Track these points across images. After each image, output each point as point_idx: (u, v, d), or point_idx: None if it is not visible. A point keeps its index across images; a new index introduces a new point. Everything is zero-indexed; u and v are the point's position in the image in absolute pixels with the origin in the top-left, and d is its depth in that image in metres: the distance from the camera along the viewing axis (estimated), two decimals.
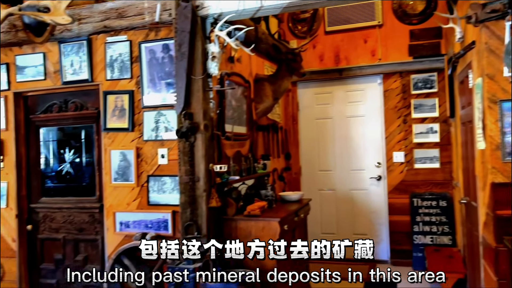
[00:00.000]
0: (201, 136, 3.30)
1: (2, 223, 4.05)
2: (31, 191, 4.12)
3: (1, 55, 4.06)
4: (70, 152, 4.15)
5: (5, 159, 4.05)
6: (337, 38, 5.69)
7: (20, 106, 4.10)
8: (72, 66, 3.85)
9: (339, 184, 5.77)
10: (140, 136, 3.68)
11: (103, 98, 3.78)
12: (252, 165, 4.20)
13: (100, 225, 3.84)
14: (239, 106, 4.23)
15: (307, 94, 5.95)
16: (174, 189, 3.55)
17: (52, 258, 4.01)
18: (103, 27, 3.70)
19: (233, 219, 3.45)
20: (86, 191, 4.01)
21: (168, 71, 3.61)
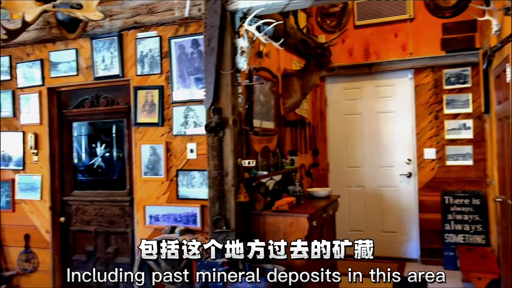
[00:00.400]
0: (229, 131, 3.30)
1: (37, 215, 4.17)
2: (64, 184, 4.22)
3: (36, 52, 4.17)
4: (102, 146, 4.23)
5: (39, 153, 4.16)
6: (367, 32, 5.60)
7: (53, 101, 4.19)
8: (104, 62, 3.91)
9: (368, 181, 5.69)
10: (169, 130, 3.72)
11: (133, 93, 3.83)
12: (279, 161, 4.19)
13: (130, 218, 3.90)
14: (267, 101, 4.22)
15: (335, 89, 5.88)
16: (203, 183, 3.57)
17: (84, 249, 4.10)
18: (133, 23, 3.74)
19: (261, 214, 3.44)
20: (117, 185, 4.08)
21: (197, 66, 3.63)
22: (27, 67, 4.20)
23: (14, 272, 4.21)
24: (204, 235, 3.50)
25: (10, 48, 4.23)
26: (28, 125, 4.21)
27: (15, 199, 4.24)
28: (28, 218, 4.20)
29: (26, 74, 4.20)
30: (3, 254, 4.27)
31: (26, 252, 4.18)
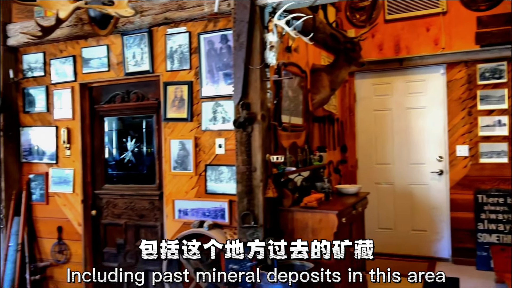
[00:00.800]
0: (258, 127, 3.29)
1: (69, 208, 4.27)
2: (95, 178, 4.30)
3: (69, 48, 4.26)
4: (132, 141, 4.29)
5: (71, 147, 4.26)
6: (398, 26, 5.48)
7: (85, 97, 4.28)
8: (134, 58, 3.96)
9: (398, 178, 5.59)
10: (198, 126, 3.74)
11: (163, 88, 3.87)
12: (308, 157, 4.15)
13: (160, 212, 3.95)
14: (295, 96, 4.19)
15: (364, 85, 5.80)
16: (231, 178, 3.58)
17: (114, 242, 4.18)
18: (163, 19, 3.77)
19: (289, 210, 3.43)
20: (147, 179, 4.14)
21: (225, 61, 3.63)
22: (60, 63, 4.29)
23: (48, 263, 4.33)
24: (232, 230, 3.51)
25: (44, 45, 4.34)
26: (61, 120, 4.31)
27: (48, 192, 4.35)
28: (61, 210, 4.30)
29: (59, 70, 4.30)
30: (38, 245, 4.40)
31: (59, 243, 4.30)
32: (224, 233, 3.52)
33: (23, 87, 4.48)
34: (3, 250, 4.25)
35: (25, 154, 4.48)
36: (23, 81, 4.46)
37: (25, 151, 4.48)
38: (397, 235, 5.58)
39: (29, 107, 4.46)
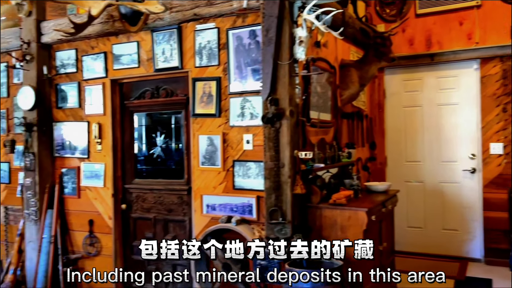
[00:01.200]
0: (286, 122, 3.27)
1: (100, 202, 4.36)
2: (125, 173, 4.37)
3: (100, 45, 4.34)
4: (161, 136, 4.34)
5: (102, 142, 4.34)
6: (429, 21, 5.36)
7: (116, 93, 4.34)
8: (164, 54, 4.00)
9: (428, 176, 5.47)
10: (226, 121, 3.74)
11: (191, 84, 3.89)
12: (336, 153, 4.11)
13: (188, 207, 3.98)
14: (324, 92, 4.15)
15: (394, 81, 5.69)
16: (259, 174, 3.57)
17: (144, 236, 4.23)
18: (192, 15, 3.79)
19: (317, 207, 3.40)
20: (175, 174, 4.18)
21: (254, 57, 3.62)
22: (92, 60, 4.38)
23: (80, 255, 4.43)
24: (260, 226, 3.51)
25: (76, 42, 4.43)
26: (92, 116, 4.39)
27: (80, 186, 4.45)
28: (92, 204, 4.39)
29: (90, 67, 4.39)
30: (70, 238, 4.51)
31: (90, 236, 4.39)
32: (251, 228, 3.52)
33: (56, 83, 4.59)
34: (38, 241, 4.38)
35: (58, 149, 4.59)
36: (56, 77, 4.57)
37: (58, 145, 4.59)
38: (427, 234, 5.46)
39: (62, 103, 4.57)
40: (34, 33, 4.45)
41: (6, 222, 4.88)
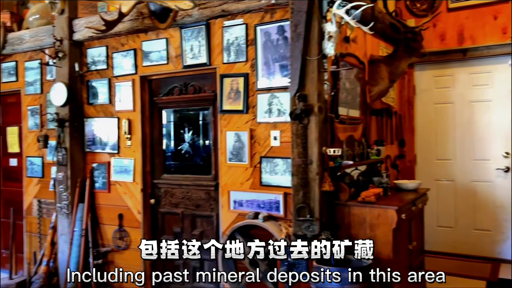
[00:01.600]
0: (314, 119, 3.24)
1: (129, 196, 4.43)
2: (154, 168, 4.42)
3: (130, 42, 4.40)
4: (189, 132, 4.37)
5: (132, 138, 4.41)
6: (462, 15, 5.21)
7: (145, 89, 4.40)
8: (192, 51, 4.02)
9: (459, 174, 5.33)
10: (253, 118, 3.74)
11: (219, 81, 3.90)
12: (365, 151, 4.05)
13: (215, 203, 4.00)
14: (352, 88, 4.09)
15: (425, 77, 5.57)
16: (286, 171, 3.56)
17: (172, 230, 4.29)
18: (221, 11, 3.80)
19: (346, 205, 3.36)
20: (203, 170, 4.21)
21: (282, 53, 3.60)
22: (122, 57, 4.44)
23: (109, 249, 4.52)
24: (287, 223, 3.49)
25: (107, 39, 4.50)
26: (122, 112, 4.46)
27: (110, 181, 4.53)
28: (121, 198, 4.47)
29: (120, 63, 4.46)
30: (100, 231, 4.61)
31: (120, 230, 4.47)
32: (279, 225, 3.51)
33: (87, 80, 4.69)
34: (69, 234, 4.49)
35: (89, 144, 4.69)
36: (87, 74, 4.66)
37: (89, 141, 4.69)
38: (458, 233, 5.34)
39: (93, 99, 4.66)
40: (66, 31, 4.55)
41: (39, 215, 5.02)
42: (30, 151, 5.17)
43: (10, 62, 5.29)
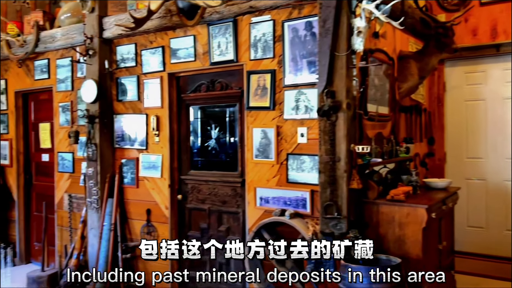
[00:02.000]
0: (343, 115, 3.21)
1: (157, 192, 4.49)
2: (181, 164, 4.46)
3: (158, 39, 4.45)
4: (216, 129, 4.39)
5: (160, 134, 4.46)
6: (495, 9, 5.05)
7: (173, 86, 4.44)
8: (219, 47, 4.03)
9: (491, 173, 5.18)
10: (280, 114, 3.73)
11: (246, 77, 3.90)
12: (394, 148, 3.98)
13: (242, 199, 4.01)
14: (381, 85, 4.03)
15: (455, 73, 5.42)
16: (313, 168, 3.53)
17: (198, 226, 4.32)
18: (248, 8, 3.79)
19: (374, 203, 3.32)
20: (229, 166, 4.22)
21: (309, 49, 3.57)
22: (150, 54, 4.49)
23: (138, 243, 4.55)
24: (314, 220, 3.47)
25: (135, 36, 4.56)
26: (150, 108, 4.51)
27: (139, 176, 4.60)
28: (149, 194, 4.53)
29: (149, 61, 4.51)
30: (128, 226, 4.69)
31: (148, 225, 4.54)
32: (305, 223, 3.49)
33: (116, 77, 4.76)
34: (99, 228, 4.58)
35: (118, 140, 4.77)
36: (116, 71, 4.74)
37: (118, 137, 4.77)
38: (489, 234, 5.19)
39: (122, 96, 4.74)
40: (96, 29, 4.64)
41: (70, 209, 5.14)
42: (61, 146, 5.30)
43: (43, 60, 5.43)
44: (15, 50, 5.52)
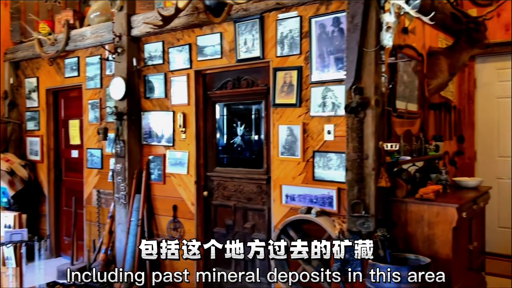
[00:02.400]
0: (371, 112, 3.16)
1: (183, 188, 4.53)
2: (207, 161, 4.49)
3: (185, 36, 4.48)
4: (241, 126, 4.40)
5: (186, 131, 4.50)
6: None
7: (199, 83, 4.47)
8: (246, 45, 4.04)
9: None
10: (306, 111, 3.71)
11: (272, 74, 3.89)
12: (423, 146, 3.91)
13: (267, 196, 4.01)
14: (410, 81, 3.95)
15: (486, 70, 5.28)
16: (340, 166, 3.50)
17: (224, 223, 4.34)
18: (275, 4, 3.78)
19: (403, 201, 3.26)
20: (255, 163, 4.22)
21: (337, 45, 3.53)
22: (177, 52, 4.53)
23: (164, 239, 4.64)
24: (340, 218, 3.44)
25: (163, 34, 4.61)
26: (177, 106, 4.56)
27: (165, 173, 4.66)
28: (176, 190, 4.58)
29: (176, 58, 4.55)
30: (155, 222, 4.75)
31: (174, 221, 4.59)
32: (332, 221, 3.46)
33: (144, 75, 4.82)
34: (126, 224, 4.66)
35: (145, 137, 4.84)
36: (144, 68, 4.80)
37: (145, 134, 4.84)
38: None
39: (149, 93, 4.80)
40: (125, 27, 4.71)
41: (98, 204, 5.25)
42: (90, 143, 5.41)
43: (73, 58, 5.55)
44: (46, 48, 5.67)
